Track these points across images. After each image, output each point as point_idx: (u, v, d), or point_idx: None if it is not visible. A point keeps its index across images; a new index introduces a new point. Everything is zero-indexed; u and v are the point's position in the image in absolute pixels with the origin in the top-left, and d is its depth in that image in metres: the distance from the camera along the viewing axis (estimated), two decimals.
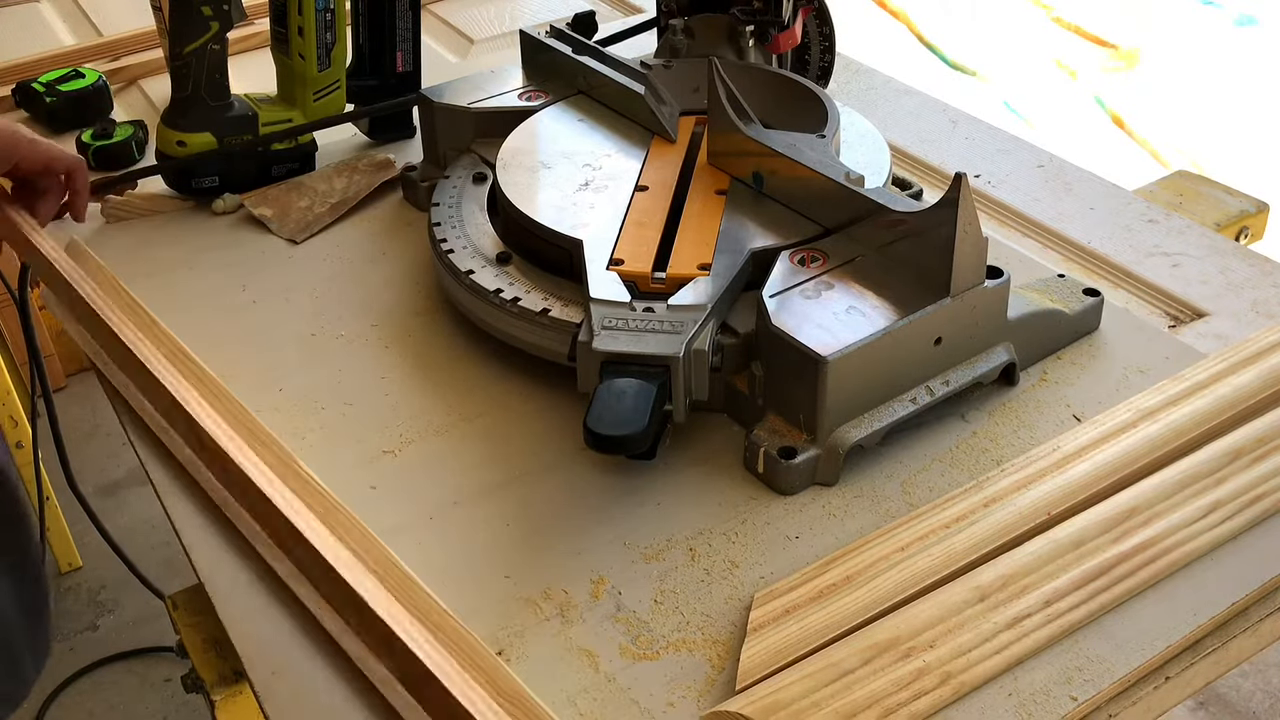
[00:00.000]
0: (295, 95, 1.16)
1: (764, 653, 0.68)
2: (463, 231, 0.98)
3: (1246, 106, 3.15)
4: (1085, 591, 0.72)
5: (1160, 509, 0.76)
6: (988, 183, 1.17)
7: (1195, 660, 0.71)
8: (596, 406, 0.77)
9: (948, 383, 0.85)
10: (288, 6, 1.12)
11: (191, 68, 1.10)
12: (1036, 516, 0.76)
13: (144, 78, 1.42)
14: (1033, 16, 3.69)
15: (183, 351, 0.93)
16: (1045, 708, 0.67)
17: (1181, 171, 1.28)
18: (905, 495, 0.82)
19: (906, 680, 0.66)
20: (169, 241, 1.12)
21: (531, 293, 0.90)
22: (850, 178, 0.90)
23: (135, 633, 1.95)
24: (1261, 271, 1.03)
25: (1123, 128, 3.15)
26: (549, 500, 0.83)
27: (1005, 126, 1.28)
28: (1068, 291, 0.95)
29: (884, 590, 0.72)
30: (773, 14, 1.12)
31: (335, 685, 0.71)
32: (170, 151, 1.13)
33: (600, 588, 0.76)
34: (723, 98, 0.96)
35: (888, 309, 0.82)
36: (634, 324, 0.82)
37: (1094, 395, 0.89)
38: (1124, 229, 1.09)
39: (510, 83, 1.15)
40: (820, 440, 0.82)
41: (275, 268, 1.08)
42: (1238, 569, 0.75)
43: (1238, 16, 3.62)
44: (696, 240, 0.91)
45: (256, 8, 1.35)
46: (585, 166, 1.01)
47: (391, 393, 0.93)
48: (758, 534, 0.79)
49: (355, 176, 1.17)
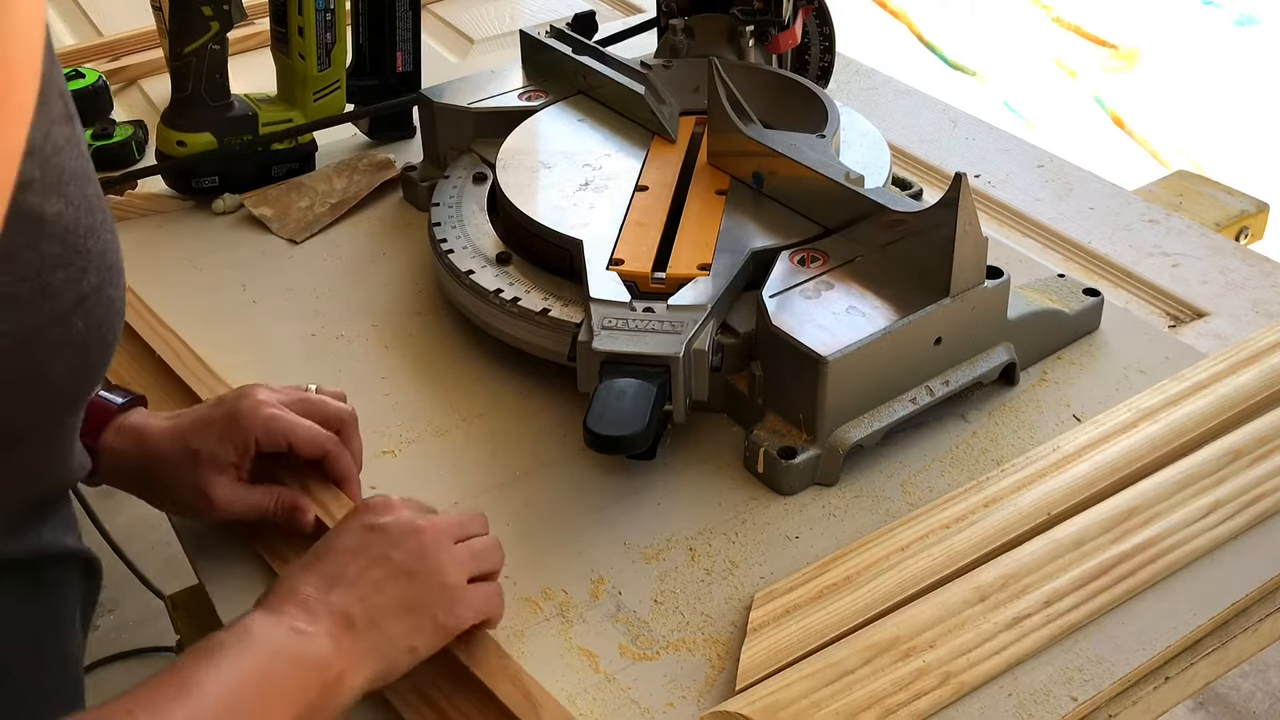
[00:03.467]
0: (295, 95, 1.16)
1: (764, 653, 0.68)
2: (463, 231, 0.98)
3: (1246, 106, 3.15)
4: (1085, 591, 0.72)
5: (1160, 509, 0.76)
6: (988, 183, 1.17)
7: (1195, 660, 0.71)
8: (596, 406, 0.77)
9: (948, 383, 0.85)
10: (288, 6, 1.12)
11: (191, 68, 1.10)
12: (1036, 516, 0.76)
13: (144, 78, 1.42)
14: (1033, 16, 3.69)
15: (186, 349, 0.93)
16: (1045, 708, 0.67)
17: (1181, 171, 1.28)
18: (905, 495, 0.82)
19: (906, 680, 0.66)
20: (169, 241, 1.12)
21: (531, 293, 0.90)
22: (850, 178, 0.90)
23: (135, 633, 1.94)
24: (1261, 271, 1.03)
25: (1123, 128, 3.15)
26: (549, 500, 0.83)
27: (1005, 126, 1.28)
28: (1068, 291, 0.95)
29: (884, 590, 0.72)
30: (773, 14, 1.12)
31: None
32: (170, 151, 1.13)
33: (600, 588, 0.76)
34: (723, 98, 0.96)
35: (888, 309, 0.82)
36: (634, 324, 0.82)
37: (1094, 395, 0.89)
38: (1124, 229, 1.09)
39: (510, 83, 1.15)
40: (820, 440, 0.82)
41: (275, 268, 1.08)
42: (1238, 569, 0.75)
43: (1238, 16, 3.62)
44: (696, 240, 0.91)
45: (256, 8, 1.35)
46: (585, 166, 1.01)
47: (391, 393, 0.93)
48: (758, 534, 0.79)
49: (355, 176, 1.17)
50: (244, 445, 0.76)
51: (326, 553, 0.66)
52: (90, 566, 0.67)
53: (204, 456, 0.75)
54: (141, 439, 0.77)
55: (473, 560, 0.69)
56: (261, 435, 0.76)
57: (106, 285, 0.55)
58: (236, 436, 0.76)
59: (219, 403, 0.78)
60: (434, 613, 0.65)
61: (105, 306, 0.55)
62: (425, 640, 0.65)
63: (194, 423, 0.77)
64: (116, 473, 0.78)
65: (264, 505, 0.77)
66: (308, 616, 0.62)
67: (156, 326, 0.96)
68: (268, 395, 0.78)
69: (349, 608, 0.63)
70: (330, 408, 0.80)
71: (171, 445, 0.76)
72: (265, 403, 0.77)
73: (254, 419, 0.76)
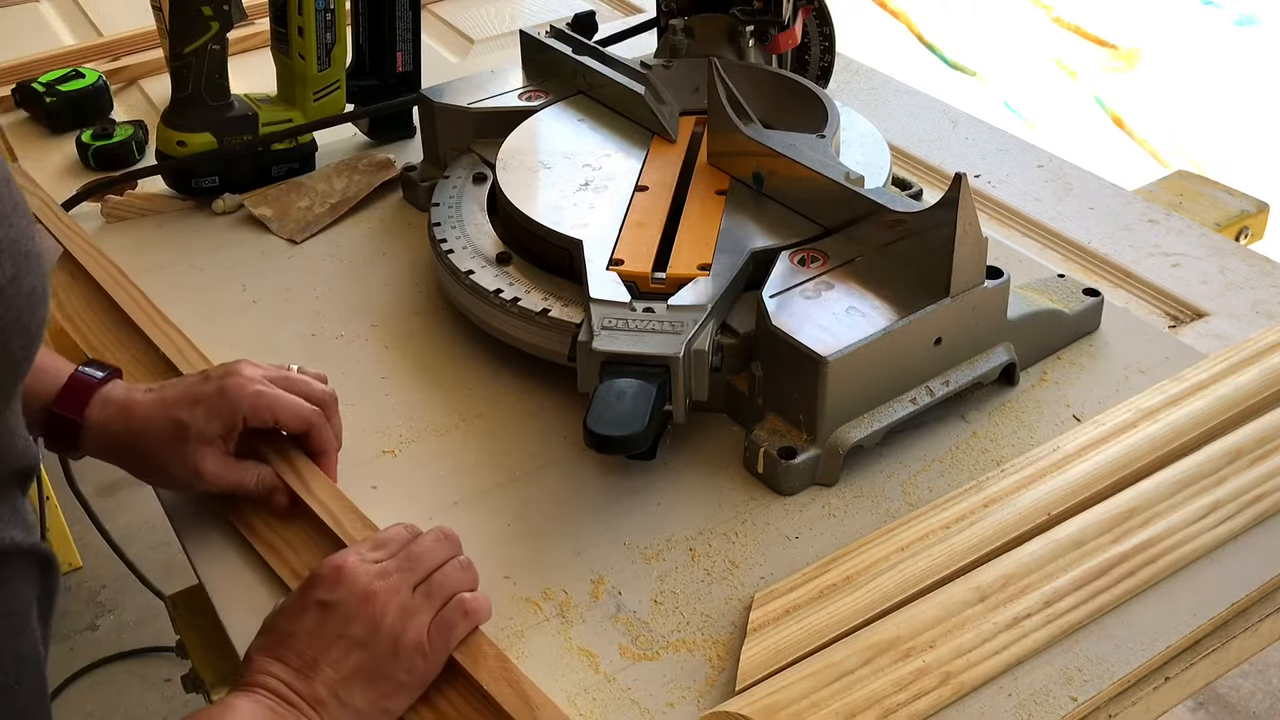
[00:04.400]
0: (295, 95, 1.16)
1: (764, 653, 0.68)
2: (463, 231, 0.98)
3: (1246, 106, 3.15)
4: (1085, 591, 0.72)
5: (1160, 509, 0.76)
6: (988, 183, 1.17)
7: (1195, 660, 0.71)
8: (596, 406, 0.77)
9: (948, 383, 0.85)
10: (288, 6, 1.12)
11: (191, 68, 1.10)
12: (1036, 516, 0.76)
13: (144, 78, 1.42)
14: (1033, 16, 3.69)
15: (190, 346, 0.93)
16: (1045, 708, 0.67)
17: (1181, 171, 1.28)
18: (905, 495, 0.82)
19: (906, 680, 0.66)
20: (169, 241, 1.12)
21: (531, 293, 0.90)
22: (850, 178, 0.90)
23: (135, 633, 1.94)
24: (1261, 271, 1.03)
25: (1123, 128, 3.15)
26: (549, 500, 0.83)
27: (1005, 126, 1.28)
28: (1068, 291, 0.95)
29: (884, 590, 0.72)
30: (773, 14, 1.12)
31: None
32: (170, 151, 1.13)
33: (600, 588, 0.76)
34: (723, 98, 0.96)
35: (888, 309, 0.82)
36: (634, 324, 0.82)
37: (1094, 395, 0.89)
38: (1124, 229, 1.09)
39: (510, 83, 1.15)
40: (820, 440, 0.82)
41: (275, 268, 1.08)
42: (1238, 569, 0.75)
43: (1238, 16, 3.62)
44: (696, 240, 0.91)
45: (256, 8, 1.35)
46: (585, 166, 1.01)
47: (391, 393, 0.93)
48: (758, 534, 0.79)
49: (355, 176, 1.17)
50: (232, 420, 0.78)
51: (286, 635, 0.67)
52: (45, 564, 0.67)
53: (192, 430, 0.77)
54: (127, 412, 0.78)
55: (430, 600, 0.69)
56: (249, 412, 0.78)
57: (23, 275, 0.54)
58: (225, 412, 0.77)
59: (205, 378, 0.80)
60: (396, 676, 0.67)
61: (25, 296, 0.55)
62: (396, 701, 0.67)
63: (180, 396, 0.79)
64: (103, 446, 0.79)
65: (246, 482, 0.79)
66: (285, 705, 0.64)
67: (161, 323, 0.96)
68: (253, 371, 0.80)
69: (316, 692, 0.65)
70: (313, 387, 0.83)
71: (159, 418, 0.78)
72: (252, 379, 0.79)
73: (241, 395, 0.78)
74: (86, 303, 1.01)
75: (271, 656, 0.66)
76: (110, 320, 0.98)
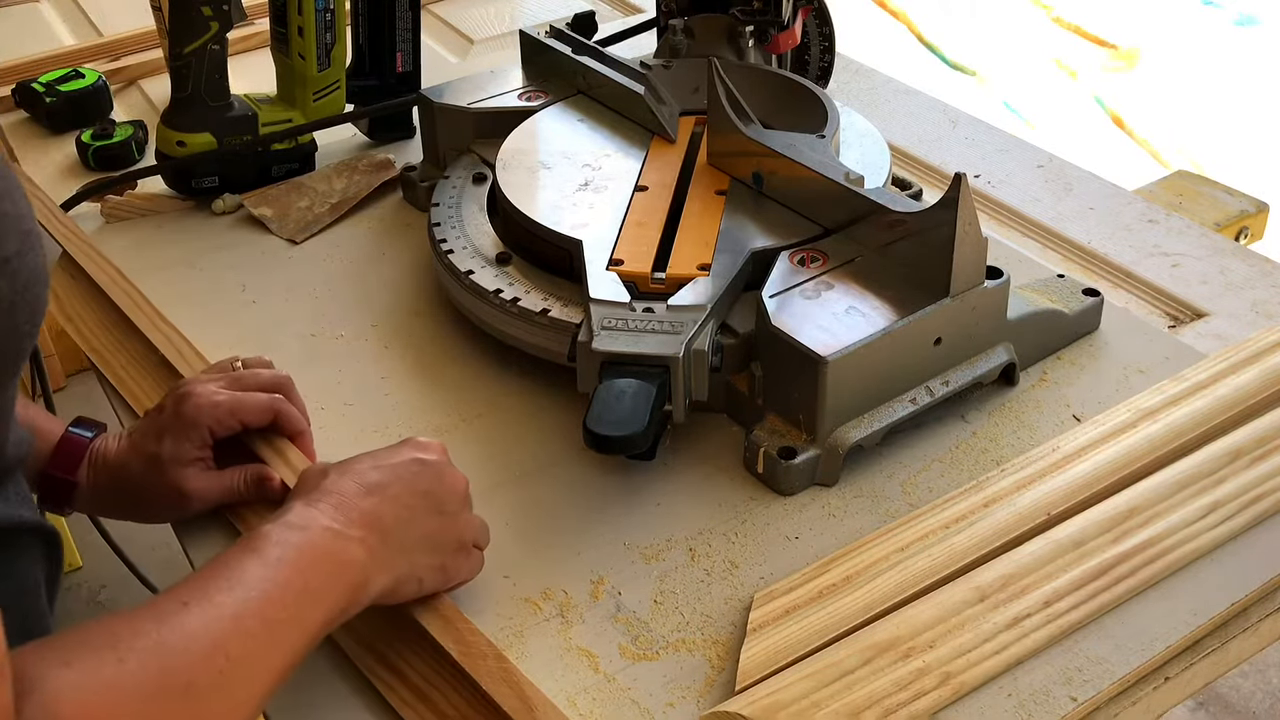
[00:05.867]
0: (295, 95, 1.16)
1: (764, 653, 0.68)
2: (462, 232, 0.98)
3: (1246, 106, 3.15)
4: (1085, 591, 0.72)
5: (1160, 509, 0.76)
6: (988, 183, 1.17)
7: (1195, 660, 0.71)
8: (596, 407, 0.77)
9: (948, 383, 0.85)
10: (288, 6, 1.12)
11: (191, 68, 1.10)
12: (1036, 516, 0.76)
13: (144, 78, 1.42)
14: (1033, 16, 3.69)
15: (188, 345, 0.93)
16: (1045, 708, 0.67)
17: (1181, 171, 1.28)
18: (905, 495, 0.82)
19: (906, 680, 0.66)
20: (169, 241, 1.12)
21: (531, 293, 0.90)
22: (850, 178, 0.90)
23: None
24: (1261, 271, 1.03)
25: (1123, 128, 3.15)
26: (549, 500, 0.83)
27: (1005, 126, 1.28)
28: (1068, 291, 0.95)
29: (884, 590, 0.72)
30: (773, 14, 1.12)
31: (335, 684, 0.71)
32: (170, 151, 1.13)
33: (600, 588, 0.76)
34: (723, 98, 0.96)
35: (887, 309, 0.82)
36: (634, 324, 0.82)
37: (1094, 395, 0.89)
38: (1124, 229, 1.09)
39: (510, 83, 1.15)
40: (820, 440, 0.82)
41: (275, 268, 1.08)
42: (1238, 569, 0.75)
43: (1238, 16, 3.62)
44: (696, 240, 0.91)
45: (256, 8, 1.35)
46: (585, 166, 1.01)
47: (391, 393, 0.93)
48: (758, 534, 0.79)
49: (355, 176, 1.17)
50: (200, 437, 0.79)
51: (373, 465, 0.69)
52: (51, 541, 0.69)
53: (166, 459, 0.78)
54: (105, 461, 0.80)
55: (481, 530, 0.74)
56: (213, 423, 0.79)
57: (27, 251, 0.56)
58: (190, 432, 0.78)
59: (159, 410, 0.81)
60: (446, 557, 0.70)
61: (29, 271, 0.56)
62: (431, 579, 0.70)
63: (145, 431, 0.80)
64: (95, 502, 0.81)
65: (234, 487, 0.80)
66: (343, 518, 0.65)
67: (160, 324, 0.96)
68: (204, 385, 0.81)
69: (383, 517, 0.67)
70: (264, 377, 0.83)
71: (134, 459, 0.79)
72: (205, 392, 0.80)
73: (200, 411, 0.79)
74: (86, 303, 1.01)
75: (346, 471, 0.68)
76: (110, 321, 0.99)
